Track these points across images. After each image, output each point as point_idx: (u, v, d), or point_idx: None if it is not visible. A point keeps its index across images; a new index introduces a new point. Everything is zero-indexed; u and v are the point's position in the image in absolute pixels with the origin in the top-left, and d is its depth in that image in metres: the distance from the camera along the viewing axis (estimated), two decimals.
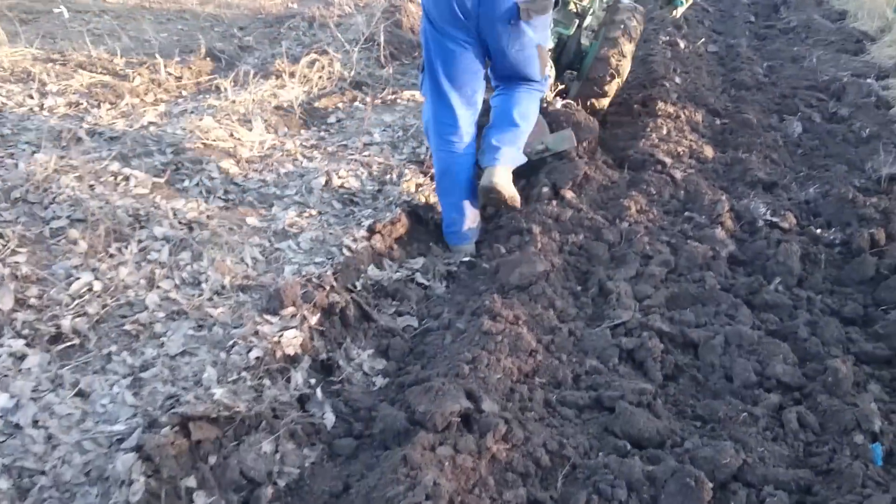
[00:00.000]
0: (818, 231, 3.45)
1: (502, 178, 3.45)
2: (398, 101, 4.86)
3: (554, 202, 3.64)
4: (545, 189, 3.82)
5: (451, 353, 2.48)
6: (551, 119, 4.06)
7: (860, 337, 2.72)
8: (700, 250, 3.20)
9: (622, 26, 4.52)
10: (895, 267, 3.07)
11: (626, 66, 4.61)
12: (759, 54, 6.60)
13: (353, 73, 5.01)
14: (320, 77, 4.89)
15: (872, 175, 4.11)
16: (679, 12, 4.42)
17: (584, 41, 4.69)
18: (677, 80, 5.46)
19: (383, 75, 5.15)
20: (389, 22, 6.02)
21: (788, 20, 7.66)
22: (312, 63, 4.94)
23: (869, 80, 5.54)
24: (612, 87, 4.60)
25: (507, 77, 3.54)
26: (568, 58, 4.74)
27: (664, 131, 4.52)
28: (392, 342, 2.74)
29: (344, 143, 4.20)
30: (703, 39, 6.63)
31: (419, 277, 3.18)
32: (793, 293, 2.99)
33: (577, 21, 4.51)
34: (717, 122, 4.93)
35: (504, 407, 2.21)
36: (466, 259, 3.36)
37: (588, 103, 4.61)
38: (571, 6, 4.43)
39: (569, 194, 3.74)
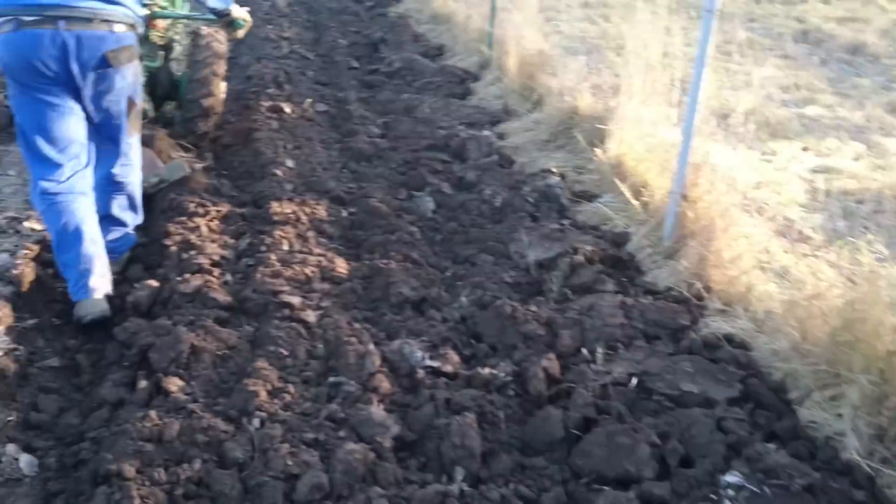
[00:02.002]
0: (487, 371, 2.87)
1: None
2: None
3: (152, 408, 2.63)
4: (142, 383, 2.79)
5: None
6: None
7: None
8: (359, 454, 2.42)
9: (209, 49, 4.83)
10: (585, 422, 2.57)
11: (220, 86, 4.96)
12: (371, 108, 6.11)
13: None
14: None
15: (520, 262, 3.71)
16: (242, 33, 4.27)
17: (176, 71, 5.00)
18: (290, 163, 4.69)
19: None
20: None
21: (391, 61, 7.33)
22: None
23: (486, 133, 5.28)
24: (212, 105, 4.91)
25: (98, 127, 3.41)
26: (163, 89, 4.96)
27: (285, 247, 3.71)
28: None
29: None
30: (310, 100, 5.95)
31: None
32: (481, 494, 2.34)
33: (164, 53, 4.85)
34: (344, 213, 4.25)
35: None
36: None
37: (193, 125, 4.89)
38: (155, 39, 4.70)
39: (174, 384, 2.75)
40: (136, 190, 3.68)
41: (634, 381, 2.74)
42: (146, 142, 4.29)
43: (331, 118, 5.89)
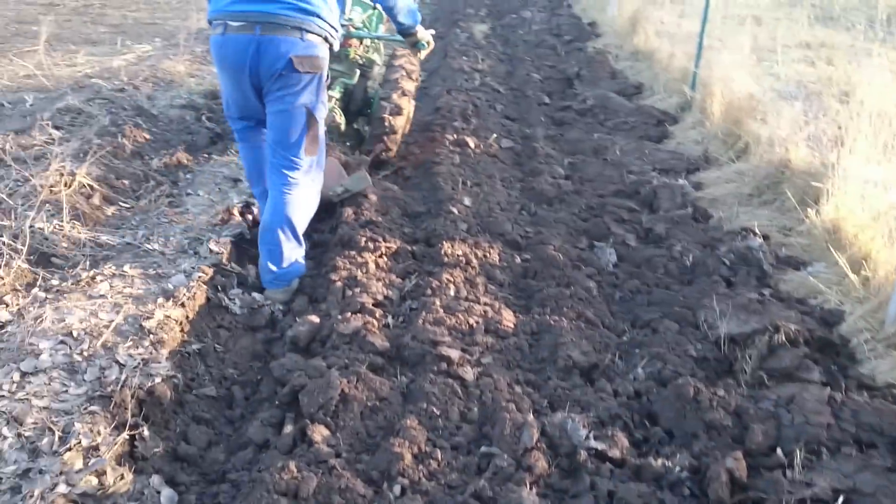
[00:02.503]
0: (661, 463, 2.50)
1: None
2: (99, 279, 3.55)
3: (294, 457, 2.48)
4: (288, 428, 2.68)
5: None
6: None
7: None
8: None
9: (401, 70, 5.25)
10: None
11: (409, 105, 5.27)
12: (559, 147, 5.84)
13: (28, 242, 3.63)
14: None
15: (709, 334, 3.28)
16: (423, 55, 4.54)
17: (371, 90, 5.28)
18: (467, 200, 4.51)
19: (81, 240, 3.81)
20: (105, 151, 4.69)
21: (584, 97, 7.02)
22: None
23: (681, 181, 4.84)
24: (399, 123, 5.09)
25: (273, 141, 3.60)
26: (356, 105, 5.23)
27: (452, 291, 3.51)
28: None
29: None
30: (495, 135, 5.78)
31: None
32: None
33: (360, 71, 5.13)
34: (517, 258, 4.00)
35: None
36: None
37: (380, 143, 5.05)
38: (354, 58, 5.03)
39: (319, 433, 2.60)
40: (300, 218, 3.70)
41: (841, 499, 2.26)
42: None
43: (515, 155, 5.68)
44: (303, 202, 3.68)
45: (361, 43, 5.08)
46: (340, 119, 4.97)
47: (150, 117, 5.54)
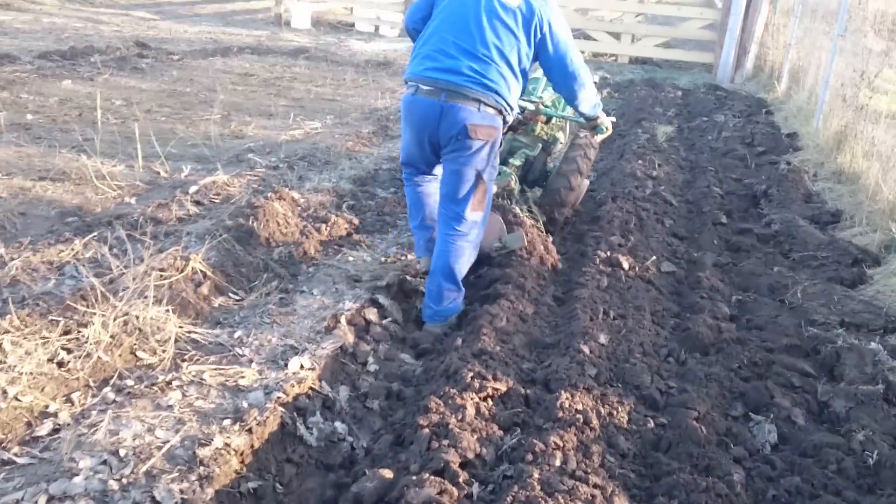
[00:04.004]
0: None
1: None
2: (175, 385, 3.25)
3: None
4: None
5: None
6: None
7: None
8: None
9: (581, 150, 5.40)
10: None
11: (581, 182, 5.53)
12: (729, 279, 5.06)
13: (116, 332, 3.41)
14: (68, 350, 3.31)
15: None
16: (600, 138, 4.85)
17: (551, 163, 5.69)
18: (603, 338, 3.88)
19: (175, 334, 3.55)
20: (229, 234, 4.51)
21: (769, 221, 6.17)
22: (55, 323, 3.38)
23: (875, 345, 3.94)
24: (570, 198, 5.46)
25: (444, 195, 4.06)
26: (534, 175, 5.66)
27: (558, 461, 2.88)
28: None
29: (21, 490, 2.56)
30: (654, 257, 5.11)
31: None
32: None
33: (542, 145, 5.58)
34: (650, 423, 3.30)
35: None
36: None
37: (549, 211, 5.40)
38: (539, 133, 5.50)
39: None
40: (460, 266, 4.12)
41: None
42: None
43: (675, 283, 4.97)
44: (463, 253, 4.10)
45: (549, 121, 5.48)
46: (515, 185, 5.26)
47: (292, 201, 5.36)
